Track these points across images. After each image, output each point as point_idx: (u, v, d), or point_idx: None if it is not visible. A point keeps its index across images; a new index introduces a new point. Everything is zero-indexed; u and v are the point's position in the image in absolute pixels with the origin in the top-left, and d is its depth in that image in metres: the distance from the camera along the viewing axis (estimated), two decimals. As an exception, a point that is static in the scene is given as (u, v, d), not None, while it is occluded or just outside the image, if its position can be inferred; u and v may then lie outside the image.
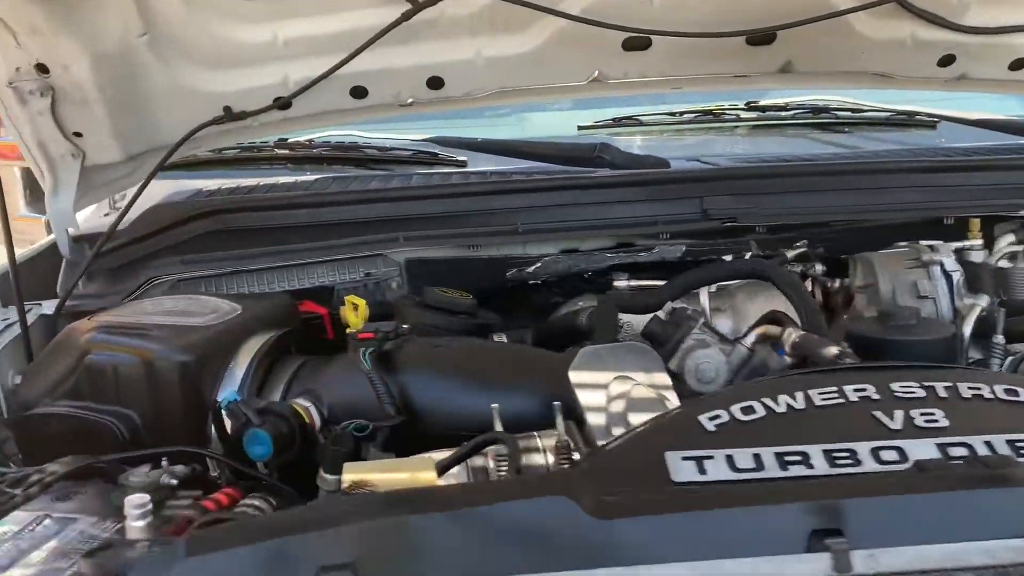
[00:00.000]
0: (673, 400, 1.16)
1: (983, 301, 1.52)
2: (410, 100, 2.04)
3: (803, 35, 1.87)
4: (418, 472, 0.97)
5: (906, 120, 2.31)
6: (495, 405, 1.17)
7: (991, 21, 1.91)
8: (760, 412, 0.91)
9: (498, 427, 1.16)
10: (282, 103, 1.96)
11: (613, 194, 1.94)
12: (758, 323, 1.38)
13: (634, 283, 1.83)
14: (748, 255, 1.92)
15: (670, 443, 0.87)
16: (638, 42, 1.91)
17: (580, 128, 2.36)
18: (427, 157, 2.28)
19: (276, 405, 1.38)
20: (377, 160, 2.31)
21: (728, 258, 1.76)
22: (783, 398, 0.92)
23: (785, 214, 1.89)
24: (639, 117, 2.33)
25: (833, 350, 1.19)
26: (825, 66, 2.06)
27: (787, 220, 1.89)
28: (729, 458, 0.84)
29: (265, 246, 1.90)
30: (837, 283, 1.73)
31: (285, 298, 1.74)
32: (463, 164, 2.25)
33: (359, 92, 1.99)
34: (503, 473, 1.14)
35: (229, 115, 1.96)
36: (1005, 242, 1.81)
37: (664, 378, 1.20)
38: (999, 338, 1.43)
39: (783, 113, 2.32)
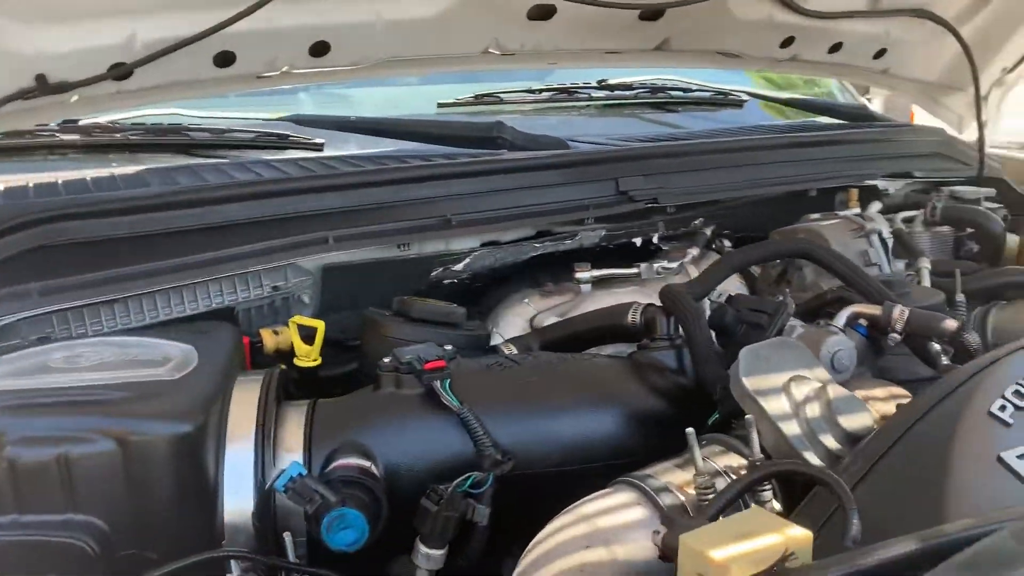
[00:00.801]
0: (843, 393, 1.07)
1: (926, 263, 1.64)
2: (284, 69, 1.68)
3: (687, 13, 1.88)
4: (784, 530, 0.77)
5: (723, 100, 2.45)
6: (690, 429, 0.98)
7: (827, 7, 2.08)
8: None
9: (698, 456, 0.98)
10: (121, 72, 1.50)
11: (536, 178, 1.77)
12: (820, 303, 1.35)
13: (596, 273, 1.71)
14: (656, 237, 1.90)
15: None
16: (543, 11, 1.77)
17: (440, 105, 2.13)
18: (274, 140, 1.89)
19: (345, 471, 1.04)
20: (211, 145, 1.86)
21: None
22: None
23: (695, 192, 1.88)
24: (499, 95, 2.17)
25: (952, 324, 1.20)
26: (694, 45, 2.09)
27: (698, 198, 1.88)
28: None
29: (130, 262, 1.43)
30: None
31: (228, 328, 1.33)
32: (319, 147, 1.91)
33: (225, 59, 1.59)
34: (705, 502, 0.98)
35: (43, 86, 1.45)
36: (875, 209, 1.99)
37: (824, 373, 1.12)
38: (961, 296, 1.55)
39: (627, 92, 2.32)
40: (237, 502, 1.08)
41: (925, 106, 2.63)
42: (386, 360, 1.20)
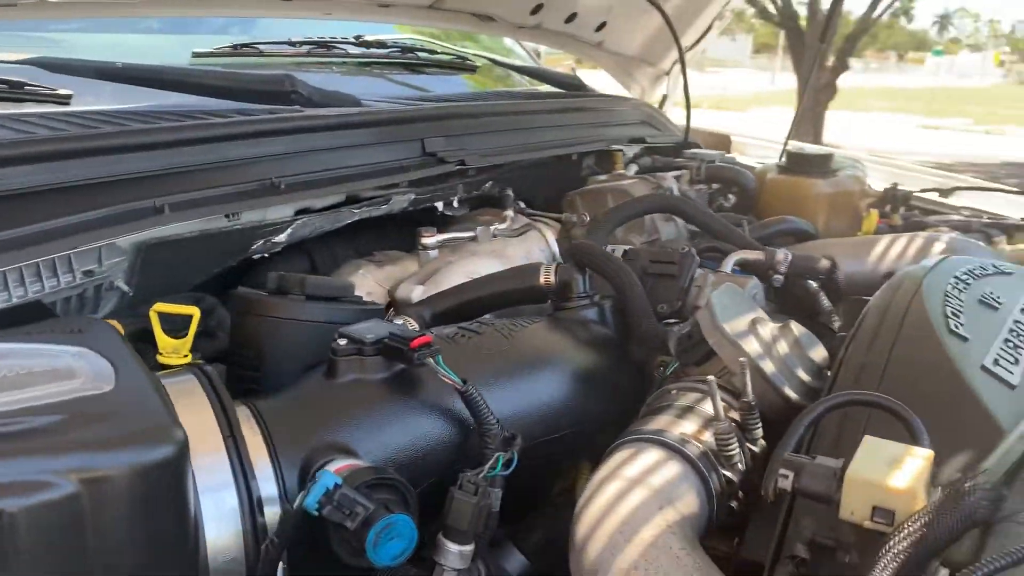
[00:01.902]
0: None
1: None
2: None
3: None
4: (913, 451, 0.80)
5: (462, 64, 2.43)
6: (711, 378, 1.00)
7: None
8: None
9: (718, 405, 1.00)
10: None
11: (348, 137, 1.62)
12: (709, 252, 1.43)
13: (442, 237, 1.62)
14: (456, 200, 1.87)
15: None
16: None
17: (196, 55, 1.81)
18: (5, 90, 1.47)
19: (370, 473, 0.88)
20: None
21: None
22: None
23: (493, 154, 1.87)
24: (258, 46, 1.91)
25: (826, 263, 1.36)
26: (464, 6, 2.07)
27: (496, 160, 1.87)
28: None
29: None
30: (587, 217, 1.83)
31: (101, 323, 1.02)
32: (66, 100, 1.54)
33: None
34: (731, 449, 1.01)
35: None
36: (632, 171, 2.15)
37: (763, 313, 1.19)
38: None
39: (381, 51, 2.19)
40: (220, 534, 0.86)
41: (617, 78, 2.89)
42: (341, 342, 1.02)
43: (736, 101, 23.63)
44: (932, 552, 0.71)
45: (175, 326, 1.17)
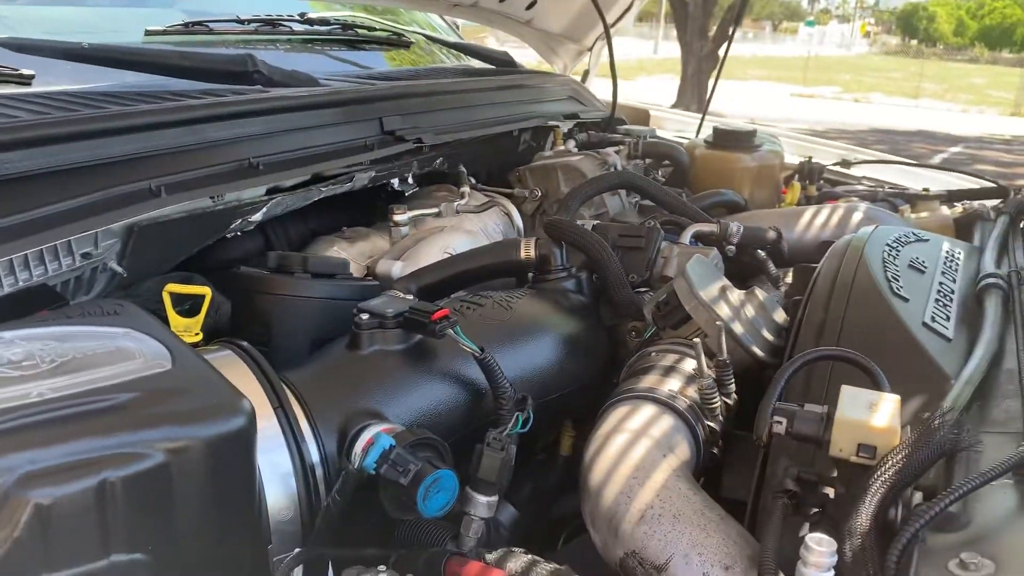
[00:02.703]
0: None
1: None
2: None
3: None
4: (885, 396, 0.93)
5: (398, 40, 2.47)
6: (697, 340, 1.12)
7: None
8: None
9: (703, 363, 1.13)
10: None
11: (312, 117, 1.67)
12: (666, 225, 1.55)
13: (412, 213, 1.68)
14: (410, 176, 1.93)
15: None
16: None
17: (148, 32, 1.79)
18: (-38, 69, 1.45)
19: (413, 434, 0.97)
20: None
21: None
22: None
23: (447, 131, 1.94)
24: (208, 24, 1.90)
25: (773, 234, 1.50)
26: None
27: (449, 137, 1.94)
28: None
29: None
30: (538, 192, 1.93)
31: (132, 306, 1.05)
32: (28, 80, 1.52)
33: None
34: (714, 402, 1.14)
35: None
36: (571, 146, 2.26)
37: (726, 280, 1.32)
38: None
39: (324, 28, 2.21)
40: (278, 497, 0.93)
41: (542, 54, 2.99)
42: (364, 317, 1.09)
43: (621, 69, 24.08)
44: (911, 479, 0.86)
45: (178, 303, 1.21)
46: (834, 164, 2.48)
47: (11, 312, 1.12)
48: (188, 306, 1.24)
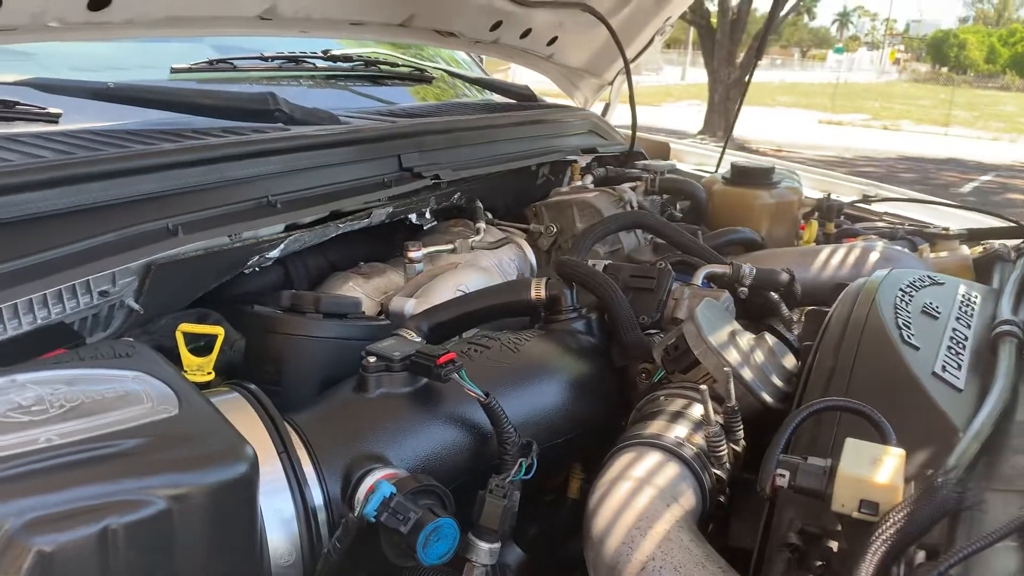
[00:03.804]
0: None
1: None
2: (52, 23, 1.38)
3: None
4: (891, 452, 0.93)
5: (420, 75, 2.51)
6: (704, 387, 1.12)
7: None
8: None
9: (710, 410, 1.12)
10: None
11: (332, 155, 1.69)
12: (678, 265, 1.55)
13: (426, 250, 1.70)
14: (428, 212, 1.95)
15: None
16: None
17: (174, 70, 1.84)
18: (-2, 109, 1.49)
19: (415, 481, 0.98)
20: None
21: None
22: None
23: (464, 167, 1.96)
24: (232, 62, 1.94)
25: (785, 276, 1.50)
26: (434, 23, 2.14)
27: (467, 173, 1.96)
28: None
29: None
30: (554, 228, 1.94)
31: (143, 347, 1.07)
32: (55, 119, 1.56)
33: None
34: (721, 450, 1.14)
35: None
36: (588, 181, 2.27)
37: (737, 324, 1.32)
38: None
39: (346, 64, 2.25)
40: (280, 540, 0.94)
41: (563, 87, 3.01)
42: (371, 360, 1.10)
43: (648, 95, 24.15)
44: (913, 538, 0.85)
45: (190, 342, 1.24)
46: (854, 201, 2.46)
47: (29, 349, 1.15)
48: (202, 344, 1.26)
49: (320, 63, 2.19)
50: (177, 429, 0.87)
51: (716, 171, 2.50)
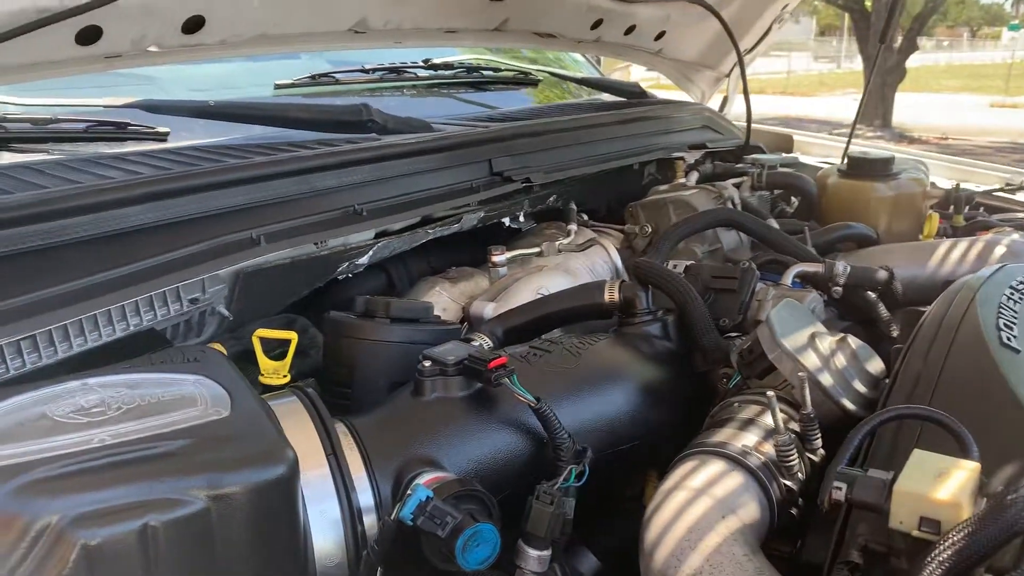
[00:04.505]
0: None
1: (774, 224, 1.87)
2: (152, 48, 1.46)
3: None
4: (962, 465, 0.86)
5: (524, 79, 2.52)
6: (771, 393, 1.07)
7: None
8: None
9: (779, 419, 1.07)
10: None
11: (421, 163, 1.72)
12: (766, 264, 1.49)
13: (510, 254, 1.71)
14: (522, 215, 1.94)
15: None
16: (407, -13, 1.73)
17: (278, 86, 1.94)
18: (111, 130, 1.61)
19: (457, 485, 0.98)
20: (32, 138, 1.54)
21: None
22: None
23: (556, 170, 1.95)
24: (334, 75, 2.03)
25: (884, 274, 1.40)
26: (527, 26, 2.14)
27: (559, 176, 1.95)
28: None
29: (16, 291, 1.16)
30: (648, 228, 1.90)
31: (214, 352, 1.13)
32: (164, 137, 1.67)
33: (90, 35, 1.35)
34: (791, 459, 1.08)
35: None
36: (693, 179, 2.21)
37: (821, 326, 1.25)
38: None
39: (448, 72, 2.30)
40: (326, 541, 0.96)
41: (677, 82, 2.94)
42: (426, 364, 1.12)
43: (801, 84, 23.25)
44: (976, 560, 0.77)
45: (271, 347, 1.29)
46: (991, 190, 2.27)
47: (121, 356, 1.23)
48: (282, 349, 1.31)
49: (421, 72, 2.23)
50: (223, 431, 0.91)
51: (842, 163, 2.37)
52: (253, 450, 0.89)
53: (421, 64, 2.24)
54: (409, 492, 0.93)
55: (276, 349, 1.26)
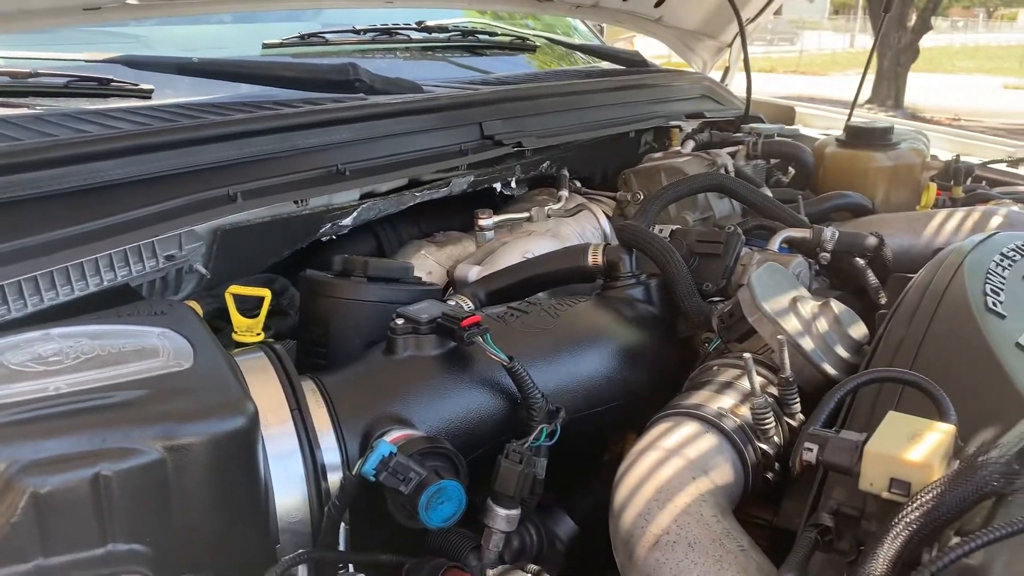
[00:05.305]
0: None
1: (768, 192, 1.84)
2: (133, 0, 1.44)
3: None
4: (936, 427, 0.84)
5: (521, 44, 2.48)
6: (748, 355, 1.04)
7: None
8: None
9: (755, 381, 1.05)
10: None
11: (407, 123, 1.69)
12: (755, 230, 1.46)
13: (498, 218, 1.68)
14: (513, 181, 1.92)
15: None
16: (404, -53, 1.69)
17: (266, 46, 1.91)
18: (94, 86, 1.59)
19: (423, 442, 0.96)
20: (11, 92, 1.52)
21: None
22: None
23: (549, 135, 1.92)
24: (324, 35, 1.99)
25: (873, 240, 1.38)
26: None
27: (552, 141, 1.92)
28: None
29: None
30: (640, 195, 1.87)
31: (182, 306, 1.12)
32: (148, 94, 1.64)
33: None
34: (767, 423, 1.06)
35: None
36: (689, 147, 2.17)
37: (805, 291, 1.23)
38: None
39: (442, 35, 2.26)
40: (288, 497, 0.95)
41: (678, 51, 2.89)
42: (399, 322, 1.10)
43: (814, 63, 23.01)
44: (944, 522, 0.75)
45: (249, 306, 1.27)
46: (987, 162, 2.23)
47: (94, 311, 1.21)
48: (255, 309, 1.29)
49: (414, 35, 2.19)
50: (182, 382, 0.89)
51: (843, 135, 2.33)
52: (212, 402, 0.88)
53: (414, 26, 2.21)
54: (372, 447, 0.91)
55: (251, 306, 1.24)
